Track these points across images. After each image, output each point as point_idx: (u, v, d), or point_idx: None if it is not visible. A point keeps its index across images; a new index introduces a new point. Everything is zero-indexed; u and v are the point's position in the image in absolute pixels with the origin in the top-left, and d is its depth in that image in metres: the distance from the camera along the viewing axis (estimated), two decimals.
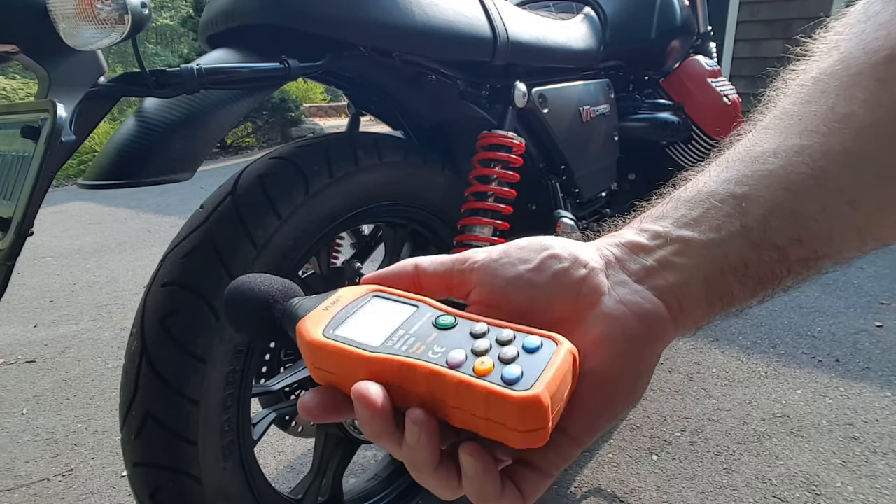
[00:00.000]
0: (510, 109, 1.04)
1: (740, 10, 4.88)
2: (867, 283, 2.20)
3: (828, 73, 0.28)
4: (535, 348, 0.26)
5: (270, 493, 0.86)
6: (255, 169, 0.78)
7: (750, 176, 0.28)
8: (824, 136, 0.27)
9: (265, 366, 1.00)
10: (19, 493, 1.32)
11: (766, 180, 0.28)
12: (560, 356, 0.25)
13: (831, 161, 0.27)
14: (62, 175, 5.38)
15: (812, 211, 0.27)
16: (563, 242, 0.30)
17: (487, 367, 0.25)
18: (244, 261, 0.73)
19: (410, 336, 0.27)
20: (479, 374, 0.24)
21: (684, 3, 1.51)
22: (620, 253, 0.29)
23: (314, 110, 9.29)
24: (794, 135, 0.28)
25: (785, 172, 0.27)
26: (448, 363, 0.25)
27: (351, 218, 0.86)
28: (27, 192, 0.54)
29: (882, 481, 1.19)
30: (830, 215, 0.27)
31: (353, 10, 0.77)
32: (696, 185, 0.30)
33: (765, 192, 0.27)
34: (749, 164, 0.28)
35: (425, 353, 0.26)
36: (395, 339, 0.27)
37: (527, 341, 0.26)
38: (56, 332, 2.21)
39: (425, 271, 0.31)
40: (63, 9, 0.53)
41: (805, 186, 0.27)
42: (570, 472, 1.28)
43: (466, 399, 0.24)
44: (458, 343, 0.26)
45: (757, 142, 0.29)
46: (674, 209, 0.29)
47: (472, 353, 0.26)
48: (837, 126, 0.26)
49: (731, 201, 0.28)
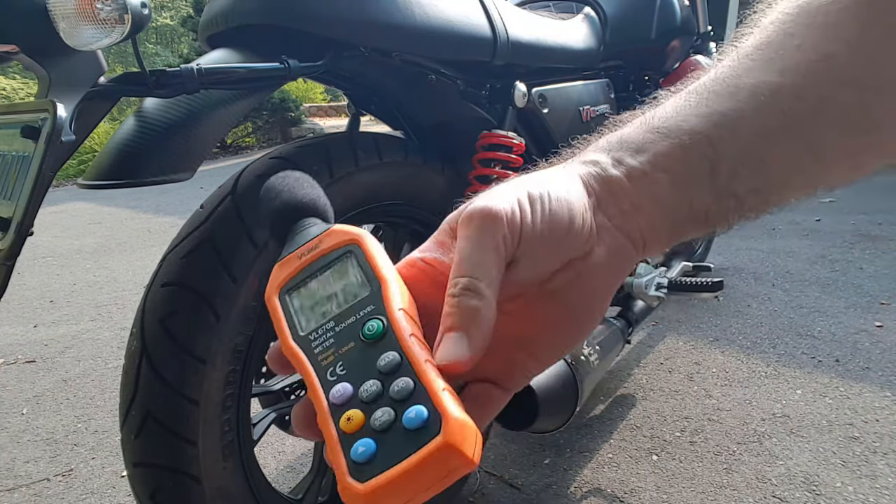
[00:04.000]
0: (510, 109, 1.04)
1: (740, 10, 4.88)
2: (867, 283, 2.19)
3: (815, 5, 0.27)
4: (414, 426, 0.21)
5: (270, 493, 0.86)
6: (255, 169, 0.78)
7: (726, 115, 0.28)
8: (803, 77, 0.26)
9: (265, 366, 1.00)
10: (19, 493, 1.32)
11: (741, 124, 0.27)
12: (428, 451, 0.21)
13: (806, 109, 0.26)
14: (62, 175, 5.38)
15: (777, 161, 0.27)
16: (565, 200, 0.28)
17: (353, 425, 0.22)
18: (244, 261, 0.73)
19: (335, 334, 0.26)
20: (344, 432, 0.22)
21: (684, 3, 1.51)
22: (601, 191, 0.29)
23: (314, 110, 9.29)
24: (774, 71, 0.27)
25: (760, 117, 0.27)
26: (329, 398, 0.23)
27: (351, 218, 0.86)
28: (27, 192, 0.54)
29: (882, 481, 1.19)
30: (793, 166, 0.28)
31: (353, 10, 0.77)
32: (675, 114, 0.29)
33: (738, 137, 0.27)
34: (727, 99, 0.28)
35: (327, 369, 0.25)
36: (321, 332, 0.26)
37: (413, 411, 0.22)
38: (56, 332, 2.21)
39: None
40: (63, 9, 0.53)
41: (776, 135, 0.27)
42: (570, 472, 1.28)
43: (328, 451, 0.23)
44: (357, 371, 0.24)
45: (737, 73, 0.28)
46: (651, 142, 0.29)
47: (356, 396, 0.23)
48: (817, 66, 0.26)
49: (704, 143, 0.28)
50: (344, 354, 0.25)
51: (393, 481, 0.20)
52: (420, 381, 0.22)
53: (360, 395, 0.23)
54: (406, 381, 0.23)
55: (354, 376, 0.24)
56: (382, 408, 0.22)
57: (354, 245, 0.28)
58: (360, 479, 0.21)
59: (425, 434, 0.21)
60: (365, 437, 0.22)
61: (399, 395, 0.22)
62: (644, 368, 1.71)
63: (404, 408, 0.22)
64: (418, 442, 0.21)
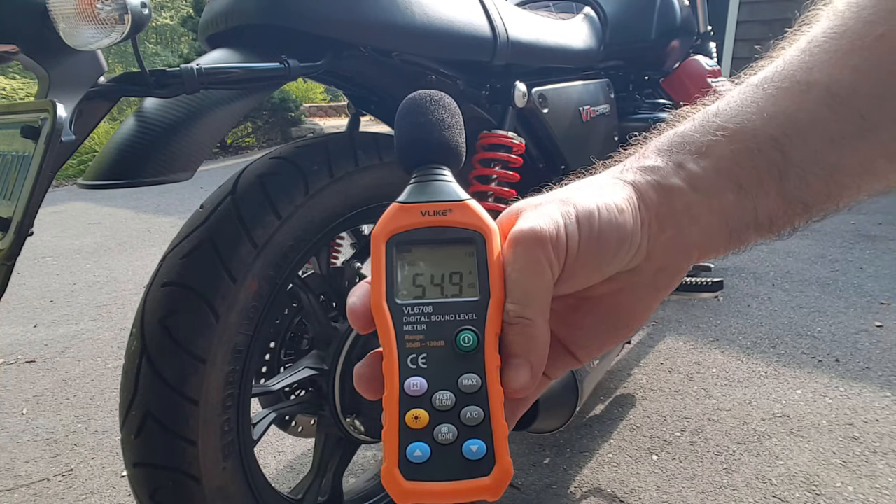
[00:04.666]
0: (510, 109, 1.04)
1: (740, 10, 4.88)
2: (867, 283, 2.19)
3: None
4: (471, 457, 0.23)
5: (270, 493, 0.86)
6: (255, 169, 0.78)
7: (797, 119, 0.25)
8: (887, 74, 0.24)
9: (265, 366, 1.00)
10: (19, 493, 1.32)
11: (813, 129, 0.25)
12: (473, 485, 0.23)
13: (888, 111, 0.24)
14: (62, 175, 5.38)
15: (852, 167, 0.25)
16: (616, 221, 0.26)
17: (418, 424, 0.24)
18: (244, 261, 0.73)
19: (428, 323, 0.25)
20: (407, 426, 0.24)
21: (684, 3, 1.51)
22: (659, 203, 0.27)
23: (314, 110, 9.29)
24: (850, 67, 0.24)
25: (834, 122, 0.24)
26: (404, 386, 0.24)
27: (351, 218, 0.86)
28: (27, 192, 0.54)
29: (882, 481, 1.19)
30: (868, 171, 0.25)
31: (353, 10, 0.77)
32: (739, 112, 0.27)
33: (809, 143, 0.25)
34: (797, 97, 0.25)
35: (409, 354, 0.25)
36: (417, 311, 0.25)
37: (475, 445, 0.24)
38: (56, 332, 2.21)
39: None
40: (63, 9, 0.53)
41: (852, 141, 0.24)
42: (570, 472, 1.28)
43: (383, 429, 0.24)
44: (438, 374, 0.24)
45: (807, 66, 0.25)
46: (715, 144, 0.27)
47: (429, 398, 0.24)
48: (890, 62, 0.23)
49: (772, 149, 0.25)
50: (431, 349, 0.25)
51: (434, 493, 0.23)
52: (490, 417, 0.24)
53: (433, 399, 0.24)
54: (478, 412, 0.24)
55: (434, 377, 0.24)
56: (448, 424, 0.24)
57: (480, 235, 0.26)
58: (407, 477, 0.23)
59: (477, 469, 0.23)
60: (423, 442, 0.23)
61: (469, 421, 0.24)
62: (644, 368, 1.71)
63: (468, 436, 0.24)
64: (468, 472, 0.23)
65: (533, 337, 0.25)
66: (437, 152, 0.28)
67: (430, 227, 0.26)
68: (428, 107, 0.28)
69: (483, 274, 0.26)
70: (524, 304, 0.25)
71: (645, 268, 0.27)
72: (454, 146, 0.28)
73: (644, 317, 0.29)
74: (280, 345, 1.01)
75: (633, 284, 0.27)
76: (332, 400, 0.91)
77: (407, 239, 0.26)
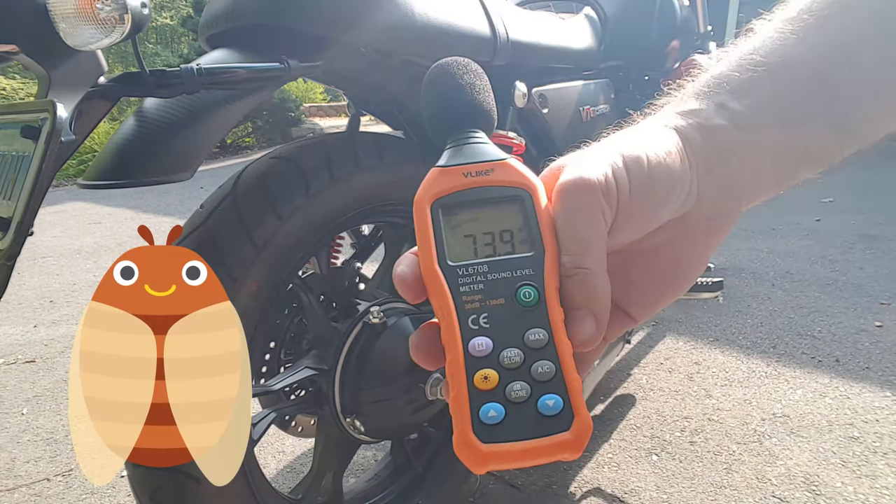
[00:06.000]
0: (510, 109, 1.04)
1: (740, 10, 4.88)
2: (867, 283, 2.19)
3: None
4: (548, 413, 0.23)
5: (270, 493, 0.86)
6: (255, 169, 0.78)
7: (843, 46, 0.24)
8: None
9: (265, 366, 1.00)
10: (19, 493, 1.32)
11: (862, 55, 0.24)
12: (554, 441, 0.22)
13: None
14: (62, 175, 5.38)
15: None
16: (664, 164, 0.25)
17: (488, 385, 0.23)
18: (244, 261, 0.73)
19: (486, 282, 0.24)
20: (477, 388, 0.23)
21: (684, 3, 1.51)
22: (705, 146, 0.26)
23: (314, 110, 9.29)
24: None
25: (886, 45, 0.23)
26: (468, 348, 0.23)
27: (351, 218, 0.86)
28: (27, 192, 0.54)
29: (882, 481, 1.19)
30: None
31: (353, 10, 0.77)
32: (780, 45, 0.25)
33: (859, 70, 0.24)
34: (844, 21, 0.24)
35: (469, 315, 0.24)
36: (472, 271, 0.24)
37: (551, 400, 0.23)
38: (56, 332, 2.21)
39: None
40: (63, 9, 0.53)
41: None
42: (571, 472, 1.28)
43: (446, 394, 0.24)
44: (502, 332, 0.24)
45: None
46: (756, 81, 0.25)
47: (496, 357, 0.23)
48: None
49: (817, 79, 0.24)
50: (491, 308, 0.24)
51: (514, 453, 0.22)
52: (562, 370, 0.23)
53: (500, 357, 0.23)
54: (549, 366, 0.23)
55: (498, 335, 0.24)
56: (520, 381, 0.23)
57: (526, 192, 0.26)
58: (484, 440, 0.22)
59: (555, 424, 0.22)
60: (496, 402, 0.22)
61: (541, 377, 0.23)
62: (644, 368, 1.71)
63: (542, 391, 0.23)
64: (547, 429, 0.22)
65: (593, 286, 0.24)
66: (471, 116, 0.27)
67: (474, 188, 0.26)
68: (456, 72, 0.28)
69: (534, 229, 0.25)
70: (580, 253, 0.24)
71: (696, 214, 0.26)
72: (487, 109, 0.28)
73: (700, 267, 0.28)
74: (280, 345, 1.01)
75: (686, 233, 0.26)
76: (331, 400, 0.91)
77: (452, 201, 0.25)
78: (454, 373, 0.23)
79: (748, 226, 2.94)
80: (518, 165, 0.26)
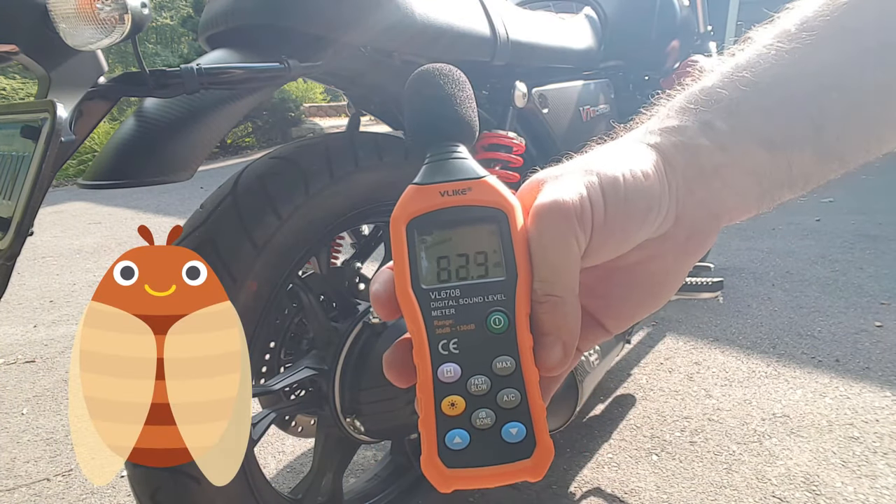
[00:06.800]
0: (510, 109, 1.04)
1: (740, 10, 4.89)
2: (867, 283, 2.19)
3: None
4: (511, 441, 0.23)
5: (270, 493, 0.86)
6: (255, 169, 0.78)
7: (836, 68, 0.23)
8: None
9: (265, 366, 1.00)
10: (19, 493, 1.32)
11: (852, 80, 0.23)
12: (516, 468, 0.23)
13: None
14: (62, 175, 5.38)
15: (895, 118, 0.24)
16: (642, 187, 0.25)
17: (454, 411, 0.23)
18: (244, 261, 0.73)
19: (457, 307, 0.24)
20: (444, 413, 0.23)
21: (684, 3, 1.51)
22: (687, 166, 0.25)
23: (314, 110, 9.29)
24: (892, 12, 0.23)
25: (879, 70, 0.23)
26: (437, 374, 0.24)
27: (351, 218, 0.86)
28: (27, 192, 0.54)
29: (882, 481, 1.19)
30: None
31: (353, 10, 0.77)
32: (772, 64, 0.25)
33: (849, 95, 0.24)
34: (833, 44, 0.24)
35: (440, 340, 0.24)
36: (444, 295, 0.24)
37: (514, 428, 0.23)
38: (56, 332, 2.21)
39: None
40: (63, 9, 0.53)
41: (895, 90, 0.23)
42: (571, 472, 1.28)
43: (419, 409, 0.24)
44: (471, 359, 0.24)
45: (856, 5, 0.24)
46: (744, 101, 0.25)
47: (464, 383, 0.24)
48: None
49: (807, 103, 0.24)
50: (462, 333, 0.24)
51: (477, 478, 0.23)
52: (527, 398, 0.24)
53: (468, 384, 0.24)
54: (515, 395, 0.24)
55: (467, 362, 0.24)
56: (486, 409, 0.24)
57: (502, 213, 0.25)
58: (448, 464, 0.23)
59: (518, 451, 0.23)
60: (461, 429, 0.23)
61: (506, 405, 0.24)
62: (644, 368, 1.71)
63: (506, 419, 0.23)
64: (510, 456, 0.23)
65: (563, 314, 0.24)
66: (449, 130, 0.27)
67: (450, 208, 0.25)
68: (437, 82, 0.27)
69: (508, 252, 0.25)
70: (552, 281, 0.24)
71: (675, 233, 0.26)
72: (467, 121, 0.27)
73: (676, 284, 0.27)
74: (280, 345, 1.01)
75: (664, 251, 0.26)
76: (331, 400, 0.91)
77: (427, 221, 0.25)
78: (423, 397, 0.24)
79: (748, 226, 2.94)
80: (496, 183, 0.26)
